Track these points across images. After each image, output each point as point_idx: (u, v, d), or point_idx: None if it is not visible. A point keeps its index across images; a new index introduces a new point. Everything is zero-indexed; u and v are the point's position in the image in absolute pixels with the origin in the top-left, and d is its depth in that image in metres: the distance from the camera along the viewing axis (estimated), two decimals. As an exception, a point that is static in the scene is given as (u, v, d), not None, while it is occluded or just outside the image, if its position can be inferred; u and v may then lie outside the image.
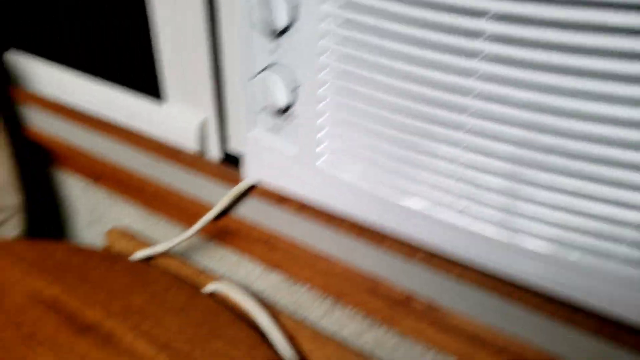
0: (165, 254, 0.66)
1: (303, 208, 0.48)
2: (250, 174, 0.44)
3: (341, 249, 0.48)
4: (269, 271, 0.59)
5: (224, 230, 0.60)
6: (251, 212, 0.53)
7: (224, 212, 0.56)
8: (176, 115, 0.56)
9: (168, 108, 0.57)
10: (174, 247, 0.62)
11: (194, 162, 0.55)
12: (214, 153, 0.56)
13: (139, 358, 0.48)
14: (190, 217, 0.63)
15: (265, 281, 0.60)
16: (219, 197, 0.54)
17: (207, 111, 0.54)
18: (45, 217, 0.80)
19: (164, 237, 0.69)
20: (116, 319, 0.51)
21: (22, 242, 0.61)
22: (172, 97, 0.56)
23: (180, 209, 0.63)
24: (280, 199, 0.49)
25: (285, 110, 0.38)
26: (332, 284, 0.54)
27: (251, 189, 0.51)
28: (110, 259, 0.59)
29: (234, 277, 0.63)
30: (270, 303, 0.60)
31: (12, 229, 0.68)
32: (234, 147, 0.54)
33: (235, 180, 0.52)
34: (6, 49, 0.70)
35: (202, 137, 0.55)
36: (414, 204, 0.35)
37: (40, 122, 0.69)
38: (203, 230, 0.62)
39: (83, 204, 0.75)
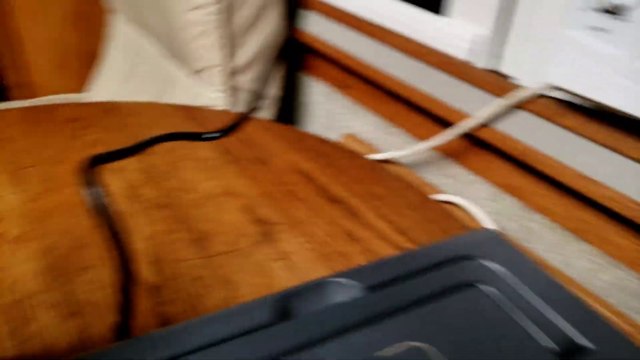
0: (396, 162, 0.70)
1: (582, 125, 0.48)
2: (554, 76, 0.44)
3: (614, 171, 0.47)
4: (502, 194, 0.60)
5: (472, 145, 0.62)
6: (514, 126, 0.54)
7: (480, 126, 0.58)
8: (454, 29, 0.59)
9: (447, 21, 0.60)
10: (411, 155, 0.66)
11: (462, 71, 0.58)
12: (484, 67, 0.58)
13: (380, 234, 0.53)
14: (430, 131, 0.66)
15: (495, 204, 0.61)
16: (480, 108, 0.56)
17: (487, 28, 0.56)
18: (287, 115, 0.91)
19: (397, 148, 0.73)
20: (359, 199, 0.57)
21: (282, 124, 0.70)
22: (455, 11, 0.59)
23: (422, 121, 0.66)
24: (557, 113, 0.49)
25: (615, 10, 0.38)
26: (574, 216, 0.53)
27: (524, 104, 0.52)
28: (351, 154, 0.66)
29: (461, 195, 0.65)
30: (498, 227, 0.62)
31: (266, 116, 0.78)
32: (505, 68, 0.55)
33: (502, 93, 0.53)
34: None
35: (476, 52, 0.57)
36: None
37: (313, 26, 0.77)
38: (441, 147, 0.65)
39: (324, 109, 0.84)
